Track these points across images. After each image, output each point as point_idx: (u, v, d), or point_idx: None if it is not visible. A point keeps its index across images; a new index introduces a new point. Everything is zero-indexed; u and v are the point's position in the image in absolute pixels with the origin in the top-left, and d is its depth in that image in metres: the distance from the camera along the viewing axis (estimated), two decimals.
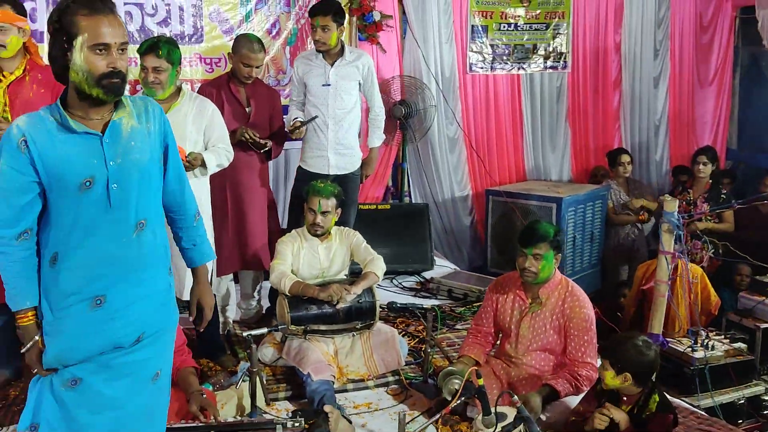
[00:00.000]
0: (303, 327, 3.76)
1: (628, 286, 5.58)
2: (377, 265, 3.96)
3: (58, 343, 2.22)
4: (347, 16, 5.63)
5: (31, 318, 2.23)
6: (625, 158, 6.42)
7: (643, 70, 7.19)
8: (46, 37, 2.19)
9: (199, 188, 3.74)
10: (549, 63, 6.83)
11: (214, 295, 3.89)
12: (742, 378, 4.37)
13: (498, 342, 3.75)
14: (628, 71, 7.16)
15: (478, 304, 4.70)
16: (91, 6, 2.10)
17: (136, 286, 2.28)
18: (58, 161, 2.12)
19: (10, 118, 3.31)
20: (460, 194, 6.64)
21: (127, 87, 4.83)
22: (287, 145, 4.94)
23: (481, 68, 6.57)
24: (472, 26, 6.46)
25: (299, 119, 4.44)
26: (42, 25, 4.77)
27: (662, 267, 3.94)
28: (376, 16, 5.84)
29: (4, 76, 3.38)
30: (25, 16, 3.43)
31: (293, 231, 4.05)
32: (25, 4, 4.53)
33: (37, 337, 2.23)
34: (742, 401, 4.32)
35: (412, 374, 3.90)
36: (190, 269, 2.64)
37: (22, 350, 2.25)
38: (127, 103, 2.26)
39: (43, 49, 4.33)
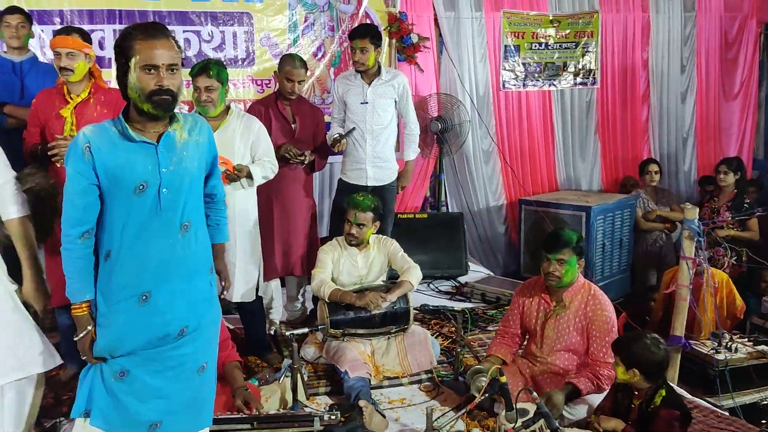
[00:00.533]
0: (341, 330, 3.77)
1: (657, 290, 5.45)
2: (413, 273, 3.94)
3: (109, 334, 2.30)
4: (386, 38, 5.70)
5: (85, 309, 2.33)
6: (653, 167, 6.29)
7: (671, 85, 7.04)
8: (114, 62, 2.31)
9: (247, 198, 3.82)
10: (579, 79, 6.74)
11: (261, 297, 3.99)
12: (765, 379, 4.21)
13: (525, 342, 3.71)
14: (656, 86, 7.01)
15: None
16: (145, 32, 2.22)
17: (179, 283, 2.34)
18: (116, 166, 2.23)
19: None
20: (495, 204, 6.59)
21: (185, 107, 4.96)
22: (331, 158, 4.98)
23: (514, 85, 6.52)
24: (505, 46, 6.43)
25: (338, 134, 4.47)
26: (109, 52, 4.92)
27: (683, 272, 3.84)
28: (414, 39, 5.86)
29: (71, 98, 3.49)
30: (91, 44, 3.54)
31: (334, 240, 4.06)
32: (94, 34, 4.72)
33: (90, 327, 2.32)
34: (765, 402, 4.17)
35: (444, 372, 3.88)
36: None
37: (75, 338, 2.33)
38: (180, 118, 2.36)
39: (109, 74, 4.50)
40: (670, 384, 3.14)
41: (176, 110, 2.35)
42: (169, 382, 2.36)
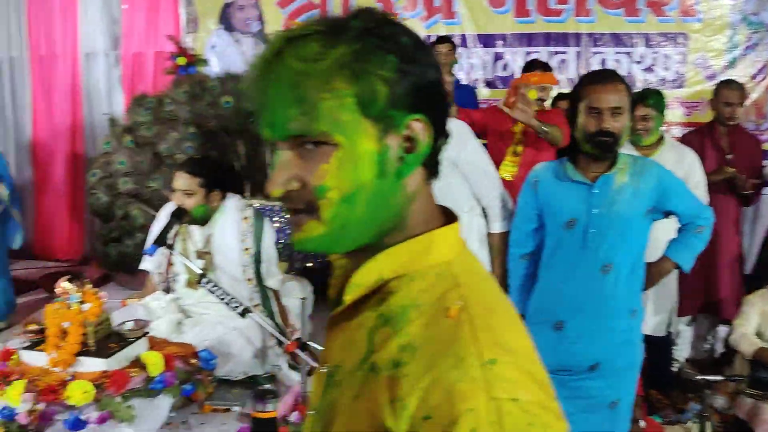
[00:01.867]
0: (762, 392, 3.41)
1: None
2: None
3: None
4: None
5: None
6: None
7: None
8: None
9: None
10: None
11: (671, 332, 3.84)
12: None
13: None
14: None
15: None
16: (594, 78, 2.37)
17: (592, 320, 2.39)
18: (552, 200, 2.43)
19: (520, 151, 3.82)
20: None
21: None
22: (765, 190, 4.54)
23: None
24: None
25: None
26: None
27: None
28: None
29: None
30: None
31: (765, 290, 3.65)
32: (534, 55, 5.12)
33: None
34: None
35: None
36: None
37: None
38: (624, 161, 2.39)
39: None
40: None
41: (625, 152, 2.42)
42: (578, 411, 2.43)
